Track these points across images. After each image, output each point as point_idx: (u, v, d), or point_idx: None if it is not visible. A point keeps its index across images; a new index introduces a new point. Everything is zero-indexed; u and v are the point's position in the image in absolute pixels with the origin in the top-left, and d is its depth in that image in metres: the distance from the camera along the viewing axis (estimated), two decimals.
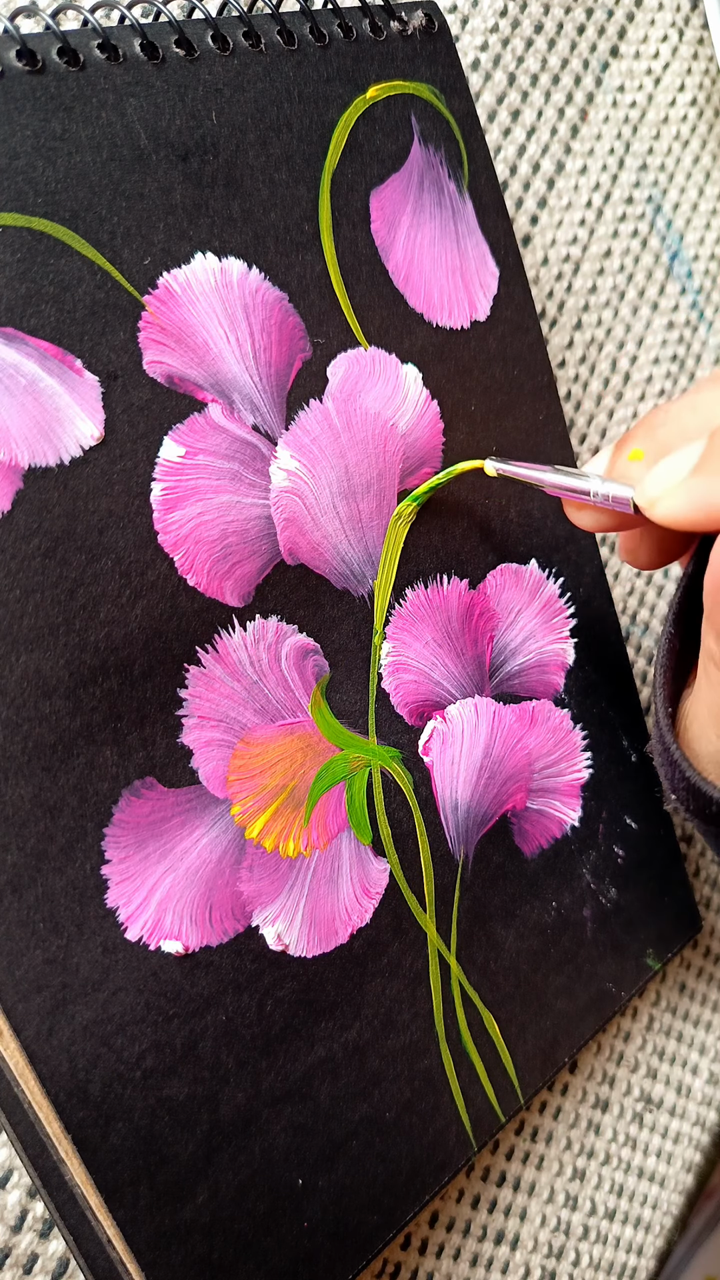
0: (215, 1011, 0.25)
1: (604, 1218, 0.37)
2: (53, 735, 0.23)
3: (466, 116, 0.30)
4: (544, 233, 0.36)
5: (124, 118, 0.24)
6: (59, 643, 0.23)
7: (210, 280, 0.25)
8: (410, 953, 0.29)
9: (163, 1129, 0.24)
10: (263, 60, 0.26)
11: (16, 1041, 0.23)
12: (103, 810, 0.24)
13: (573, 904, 0.33)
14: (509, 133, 0.35)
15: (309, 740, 0.27)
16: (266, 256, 0.26)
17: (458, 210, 0.30)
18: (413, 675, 0.29)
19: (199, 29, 0.25)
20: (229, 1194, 0.25)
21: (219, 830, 0.25)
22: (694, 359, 0.41)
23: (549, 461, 0.32)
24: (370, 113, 0.28)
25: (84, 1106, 0.23)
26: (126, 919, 0.24)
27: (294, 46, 0.27)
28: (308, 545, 0.27)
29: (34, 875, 0.23)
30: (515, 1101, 0.31)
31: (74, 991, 0.23)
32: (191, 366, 0.25)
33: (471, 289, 0.30)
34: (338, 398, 0.27)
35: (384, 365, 0.28)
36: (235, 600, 0.26)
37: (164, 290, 0.24)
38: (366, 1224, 0.28)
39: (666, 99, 0.39)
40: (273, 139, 0.26)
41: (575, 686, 0.33)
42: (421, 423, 0.29)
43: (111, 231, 0.24)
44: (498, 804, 0.31)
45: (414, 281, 0.29)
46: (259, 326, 0.26)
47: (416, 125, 0.29)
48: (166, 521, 0.24)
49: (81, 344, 0.23)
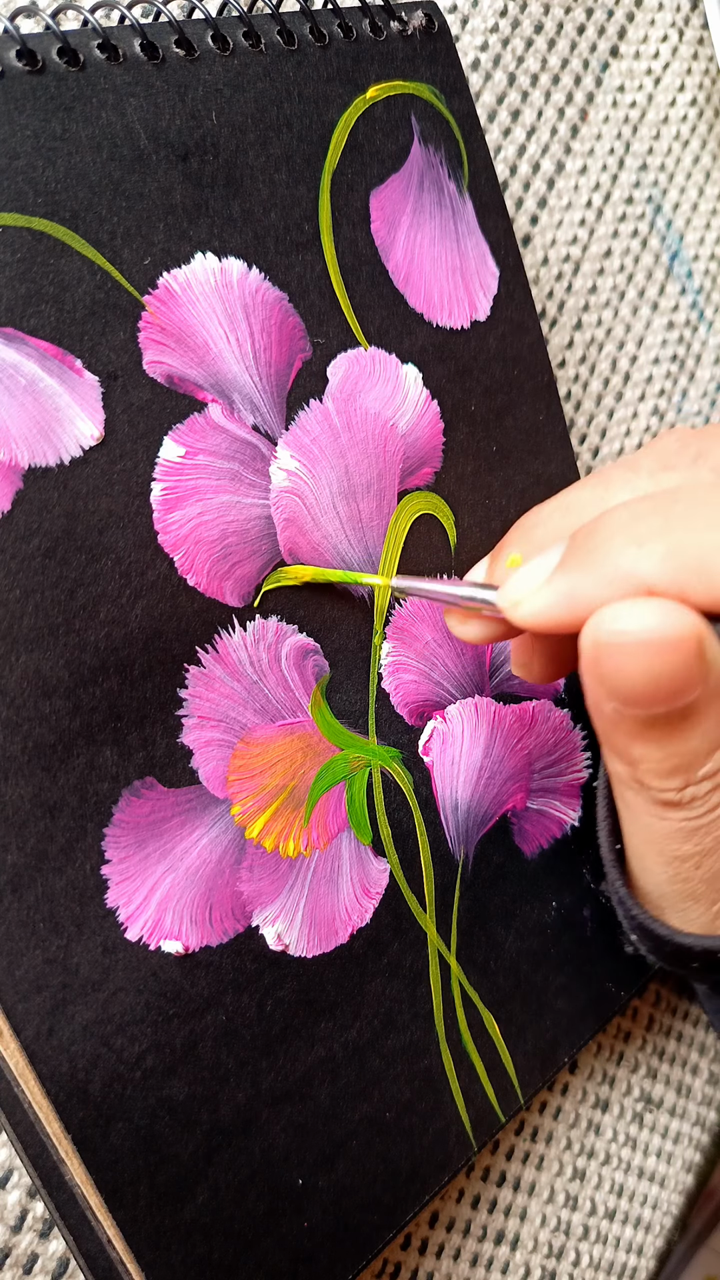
0: (215, 1011, 0.25)
1: (604, 1218, 0.37)
2: (53, 735, 0.23)
3: (466, 117, 0.30)
4: (544, 233, 0.37)
5: (124, 118, 0.24)
6: (59, 643, 0.23)
7: (210, 280, 0.25)
8: (410, 953, 0.29)
9: (163, 1129, 0.24)
10: (263, 60, 0.26)
11: (16, 1041, 0.23)
12: (103, 810, 0.24)
13: (573, 904, 0.33)
14: (509, 133, 0.36)
15: (309, 740, 0.27)
16: (266, 256, 0.26)
17: (458, 210, 0.30)
18: (413, 675, 0.29)
19: (199, 29, 0.25)
20: (229, 1194, 0.25)
21: (219, 830, 0.25)
22: (694, 359, 0.41)
23: (549, 464, 0.32)
24: (370, 113, 0.28)
25: (84, 1106, 0.23)
26: (126, 919, 0.24)
27: (294, 46, 0.27)
28: (308, 545, 0.27)
29: (34, 875, 0.23)
30: (515, 1101, 0.31)
31: (74, 991, 0.23)
32: (191, 366, 0.25)
33: (472, 289, 0.30)
34: (338, 398, 0.27)
35: (384, 365, 0.28)
36: (235, 600, 0.26)
37: (164, 290, 0.24)
38: (367, 1224, 0.28)
39: (666, 99, 0.39)
40: (273, 139, 0.26)
41: (575, 686, 0.33)
42: (422, 423, 0.29)
43: (111, 231, 0.24)
44: (498, 804, 0.31)
45: (414, 281, 0.29)
46: (259, 326, 0.26)
47: (416, 125, 0.29)
48: (166, 521, 0.24)
49: (81, 344, 0.23)
